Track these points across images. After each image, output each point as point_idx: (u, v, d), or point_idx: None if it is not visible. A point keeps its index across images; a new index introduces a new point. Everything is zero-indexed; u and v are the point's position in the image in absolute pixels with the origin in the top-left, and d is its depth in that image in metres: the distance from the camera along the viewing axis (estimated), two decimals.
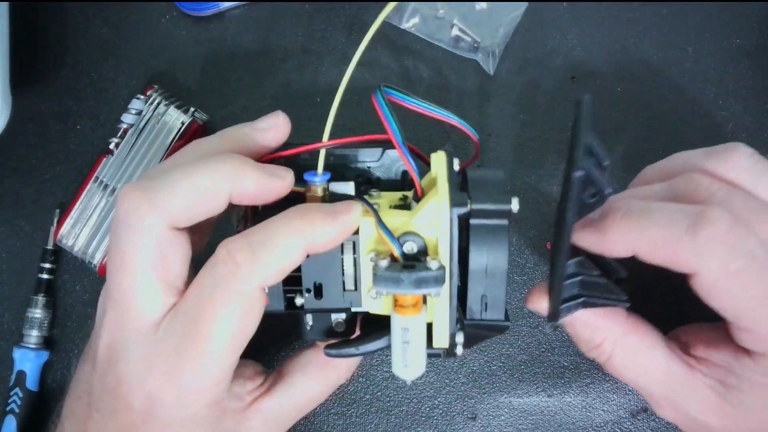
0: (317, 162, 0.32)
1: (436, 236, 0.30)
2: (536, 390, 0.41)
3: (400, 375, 0.31)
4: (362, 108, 0.43)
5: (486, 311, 0.30)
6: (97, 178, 0.41)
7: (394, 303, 0.30)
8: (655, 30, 0.45)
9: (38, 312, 0.42)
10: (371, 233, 0.30)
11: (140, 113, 0.42)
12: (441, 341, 0.31)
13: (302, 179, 0.32)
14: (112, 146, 0.41)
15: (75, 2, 0.45)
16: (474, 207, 0.29)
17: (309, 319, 0.33)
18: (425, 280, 0.28)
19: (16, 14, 0.43)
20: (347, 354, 0.33)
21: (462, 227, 0.30)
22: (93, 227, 0.41)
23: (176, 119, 0.41)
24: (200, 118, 0.42)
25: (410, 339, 0.30)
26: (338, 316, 0.33)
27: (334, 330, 0.33)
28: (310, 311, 0.32)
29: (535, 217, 0.43)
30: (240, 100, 0.45)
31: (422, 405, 0.42)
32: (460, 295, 0.31)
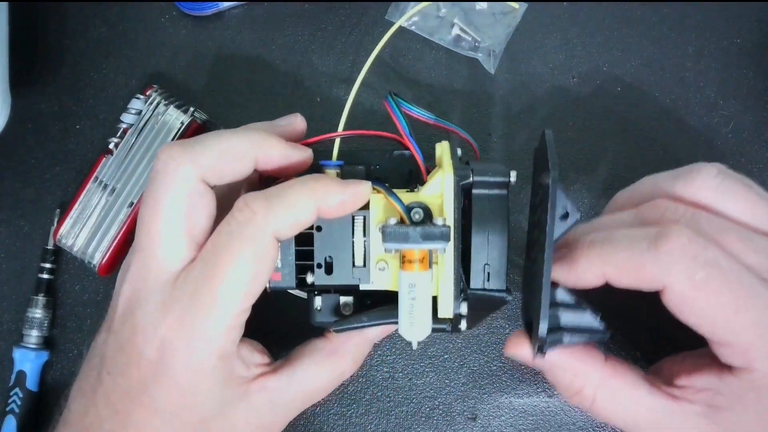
0: (332, 153, 0.35)
1: (442, 202, 0.32)
2: (537, 390, 0.41)
3: (407, 335, 0.33)
4: (362, 106, 0.43)
5: (488, 281, 0.33)
6: (97, 178, 0.41)
7: (402, 261, 0.32)
8: (655, 30, 0.45)
9: (38, 312, 0.42)
10: (380, 207, 0.33)
11: (140, 113, 0.41)
12: (446, 310, 0.32)
13: (318, 168, 0.35)
14: (112, 146, 0.41)
15: (74, 2, 0.45)
16: (476, 179, 0.32)
17: (318, 303, 0.35)
18: (432, 234, 0.31)
19: (16, 14, 0.43)
20: (356, 324, 0.34)
21: (465, 203, 0.32)
22: (93, 227, 0.41)
23: (176, 119, 0.41)
24: (200, 118, 0.42)
25: (416, 296, 0.32)
26: (346, 298, 0.35)
27: (342, 313, 0.35)
28: (320, 288, 0.34)
29: None
30: (240, 100, 0.45)
31: (422, 405, 0.42)
32: (464, 267, 0.33)
